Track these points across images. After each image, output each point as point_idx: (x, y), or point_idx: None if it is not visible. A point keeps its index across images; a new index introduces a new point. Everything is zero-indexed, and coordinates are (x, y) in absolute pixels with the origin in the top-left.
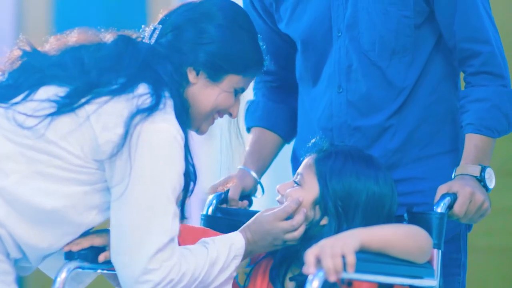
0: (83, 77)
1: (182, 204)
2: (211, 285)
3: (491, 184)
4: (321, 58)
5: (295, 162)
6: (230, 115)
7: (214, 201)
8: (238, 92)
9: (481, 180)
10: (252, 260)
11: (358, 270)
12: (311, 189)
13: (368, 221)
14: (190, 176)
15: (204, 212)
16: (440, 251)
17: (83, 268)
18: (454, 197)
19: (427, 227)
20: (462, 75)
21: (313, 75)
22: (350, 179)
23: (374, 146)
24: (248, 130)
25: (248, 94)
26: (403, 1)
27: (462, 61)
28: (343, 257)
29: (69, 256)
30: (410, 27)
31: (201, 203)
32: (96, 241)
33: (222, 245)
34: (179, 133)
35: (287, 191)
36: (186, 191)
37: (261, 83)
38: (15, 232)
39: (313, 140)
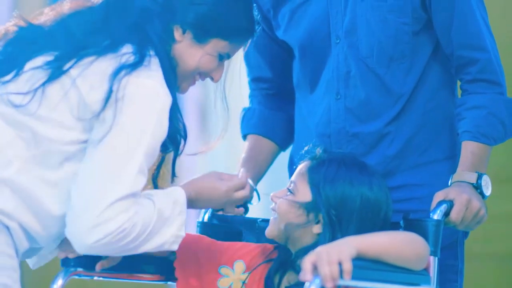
0: (70, 42)
1: (173, 163)
2: (158, 237)
3: (487, 191)
4: (319, 64)
5: (292, 169)
6: (212, 79)
7: (210, 208)
8: (223, 57)
9: (477, 187)
10: (248, 267)
11: (354, 277)
12: (304, 197)
13: (363, 227)
14: (180, 133)
15: (200, 219)
16: (436, 258)
17: (79, 275)
18: (450, 204)
19: (423, 234)
20: (459, 83)
21: (311, 81)
22: (344, 186)
23: (372, 152)
24: (244, 137)
25: (244, 101)
26: (402, 8)
27: (459, 68)
28: (340, 264)
29: (65, 263)
30: (408, 34)
31: (197, 211)
32: None
33: (166, 197)
34: (164, 90)
35: (278, 200)
36: (177, 148)
37: (257, 91)
38: (24, 221)
39: (306, 148)
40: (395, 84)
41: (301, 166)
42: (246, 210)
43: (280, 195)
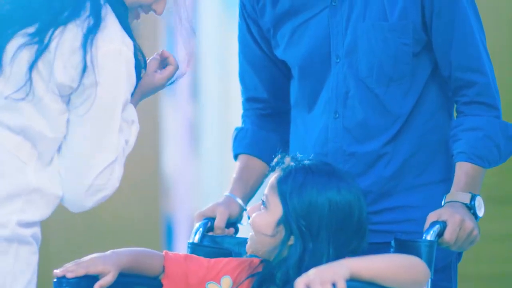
0: (47, 9)
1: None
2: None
3: (480, 212)
4: (319, 83)
5: None
6: (155, 12)
7: (201, 229)
8: None
9: (470, 208)
10: (235, 282)
11: None
12: (275, 210)
13: (336, 233)
14: (140, 66)
15: (191, 240)
16: (430, 279)
17: None
18: (443, 225)
19: (416, 255)
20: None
21: (309, 100)
22: (310, 195)
23: (369, 172)
24: (235, 157)
25: (237, 121)
26: (403, 29)
27: (456, 90)
28: (334, 284)
29: (58, 284)
30: (408, 54)
31: (189, 231)
32: (91, 269)
33: (127, 125)
34: (124, 44)
35: (252, 215)
36: (138, 79)
37: (250, 111)
38: (45, 218)
39: (276, 159)
40: (394, 105)
41: (272, 178)
42: (236, 230)
43: (255, 209)
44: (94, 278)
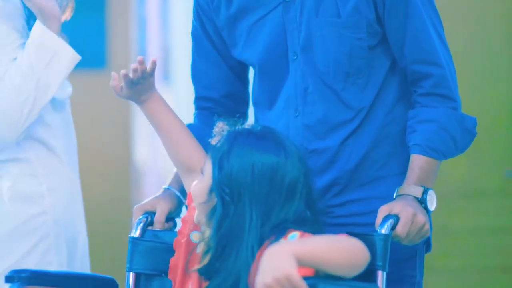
0: None
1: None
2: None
3: (431, 206)
4: (278, 81)
5: None
6: None
7: (142, 223)
8: None
9: (422, 201)
10: None
11: None
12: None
13: (259, 196)
14: None
15: (132, 234)
16: (385, 272)
17: None
18: (397, 218)
19: (371, 248)
20: None
21: (270, 98)
22: (234, 162)
23: (331, 167)
24: None
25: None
26: (356, 24)
27: (413, 82)
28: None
29: (10, 279)
30: (363, 49)
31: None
32: None
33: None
34: None
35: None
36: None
37: (199, 110)
38: None
39: (216, 128)
40: (353, 100)
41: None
42: (175, 225)
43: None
44: (45, 274)
